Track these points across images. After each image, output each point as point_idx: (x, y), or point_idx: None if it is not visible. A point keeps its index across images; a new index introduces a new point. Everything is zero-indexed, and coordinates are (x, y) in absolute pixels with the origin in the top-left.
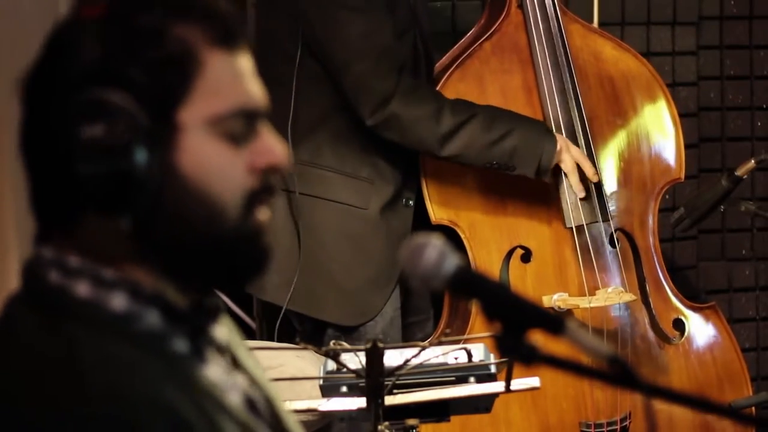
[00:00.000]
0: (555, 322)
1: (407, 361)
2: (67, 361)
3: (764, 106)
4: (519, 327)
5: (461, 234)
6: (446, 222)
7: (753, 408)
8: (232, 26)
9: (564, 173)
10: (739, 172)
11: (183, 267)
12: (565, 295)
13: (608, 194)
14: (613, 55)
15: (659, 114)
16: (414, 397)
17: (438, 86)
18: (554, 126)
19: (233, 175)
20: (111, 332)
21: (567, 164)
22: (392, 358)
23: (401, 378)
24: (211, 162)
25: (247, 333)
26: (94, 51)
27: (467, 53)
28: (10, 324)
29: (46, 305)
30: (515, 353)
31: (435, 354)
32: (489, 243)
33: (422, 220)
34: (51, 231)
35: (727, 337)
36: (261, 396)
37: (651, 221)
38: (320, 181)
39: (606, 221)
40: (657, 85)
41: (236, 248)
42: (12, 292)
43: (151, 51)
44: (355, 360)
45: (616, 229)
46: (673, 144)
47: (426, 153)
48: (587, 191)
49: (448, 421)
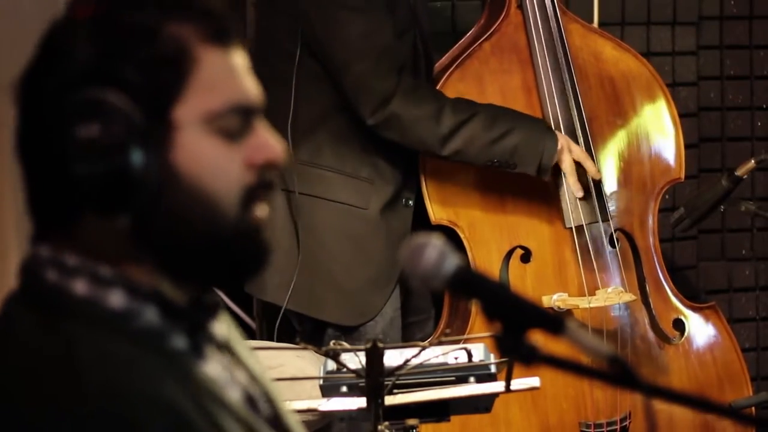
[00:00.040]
0: (555, 322)
1: (407, 361)
2: (66, 359)
3: (764, 106)
4: (519, 327)
5: (461, 234)
6: (446, 222)
7: (753, 408)
8: (226, 23)
9: (563, 173)
10: (739, 172)
11: (181, 265)
12: (565, 295)
13: (608, 194)
14: (613, 55)
15: (659, 114)
16: (414, 397)
17: (437, 86)
18: (554, 126)
19: (230, 172)
20: (109, 330)
21: (566, 164)
22: (392, 358)
23: (401, 378)
24: (208, 159)
25: (247, 333)
26: (88, 51)
27: (467, 53)
28: (8, 323)
29: (44, 304)
30: (515, 353)
31: (435, 354)
32: (489, 243)
33: (422, 220)
34: (48, 230)
35: (727, 337)
36: (261, 392)
37: (651, 221)
38: (320, 181)
39: (606, 221)
40: (657, 85)
41: (235, 245)
42: (9, 291)
43: (145, 49)
44: (355, 360)
45: (616, 229)
46: (673, 144)
47: (427, 152)
48: (587, 191)
49: (448, 421)
